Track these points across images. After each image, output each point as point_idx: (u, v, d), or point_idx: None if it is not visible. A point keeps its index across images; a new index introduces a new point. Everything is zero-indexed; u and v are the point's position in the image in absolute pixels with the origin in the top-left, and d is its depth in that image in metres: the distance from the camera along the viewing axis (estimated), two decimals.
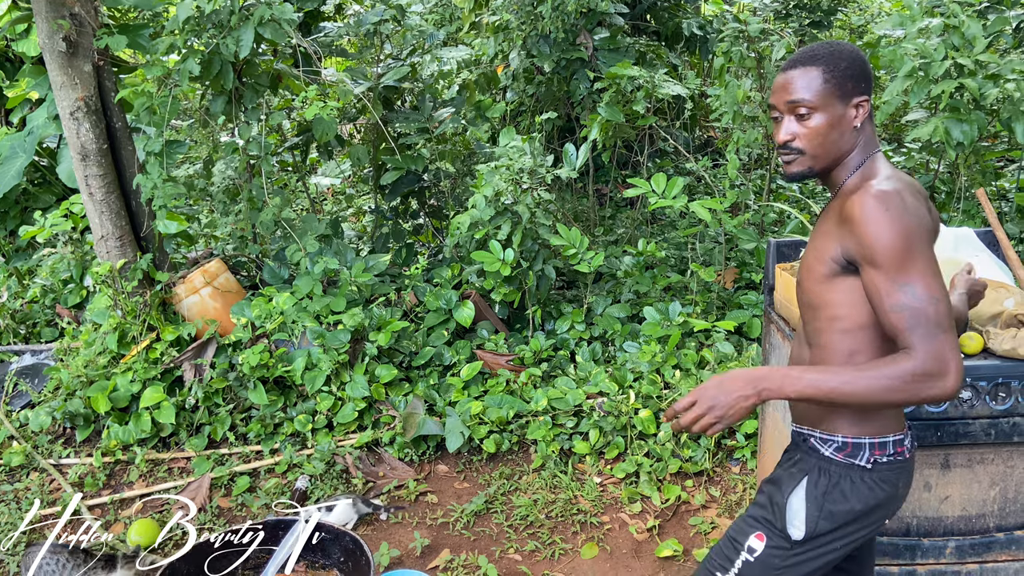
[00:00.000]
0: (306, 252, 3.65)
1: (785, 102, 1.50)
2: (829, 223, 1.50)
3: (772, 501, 1.58)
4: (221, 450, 3.34)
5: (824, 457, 1.56)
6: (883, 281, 1.39)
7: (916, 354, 1.35)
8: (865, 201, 1.40)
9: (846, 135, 1.50)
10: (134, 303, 3.47)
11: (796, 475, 1.58)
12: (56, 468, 3.26)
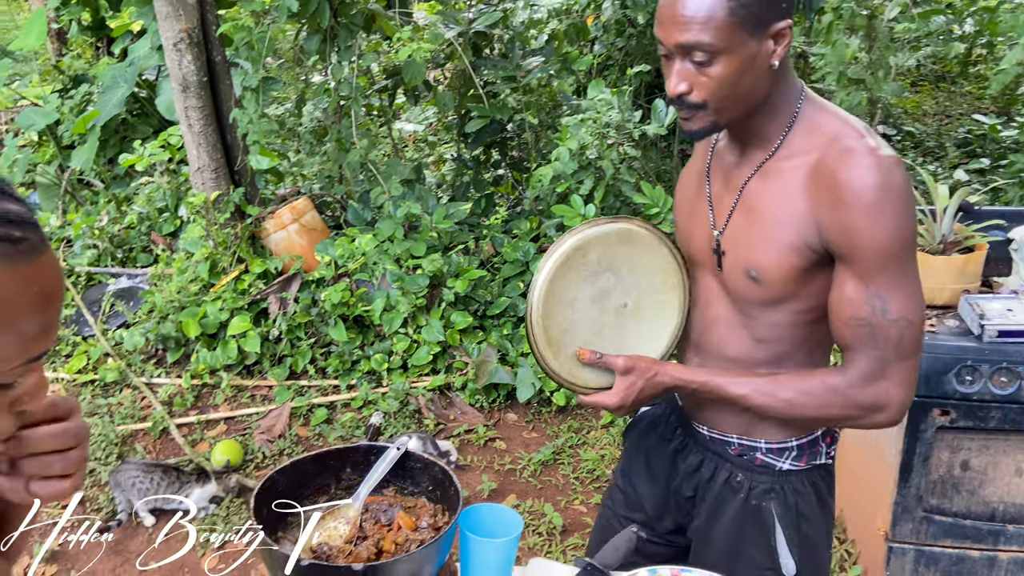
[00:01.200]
0: (390, 195, 3.69)
1: (675, 44, 1.11)
2: (794, 197, 1.17)
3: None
4: (301, 381, 3.46)
5: (781, 473, 1.32)
6: (854, 286, 1.13)
7: (851, 376, 1.16)
8: (865, 177, 1.09)
9: (762, 78, 1.14)
10: (225, 235, 3.58)
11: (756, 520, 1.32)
12: (148, 386, 3.43)
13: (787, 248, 1.17)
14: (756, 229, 1.22)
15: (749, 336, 1.28)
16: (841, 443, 2.59)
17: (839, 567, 2.49)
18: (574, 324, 1.29)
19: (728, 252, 1.27)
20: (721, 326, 1.31)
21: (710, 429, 1.38)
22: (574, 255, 1.26)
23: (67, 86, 4.92)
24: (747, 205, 1.24)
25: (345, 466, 1.34)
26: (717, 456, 1.37)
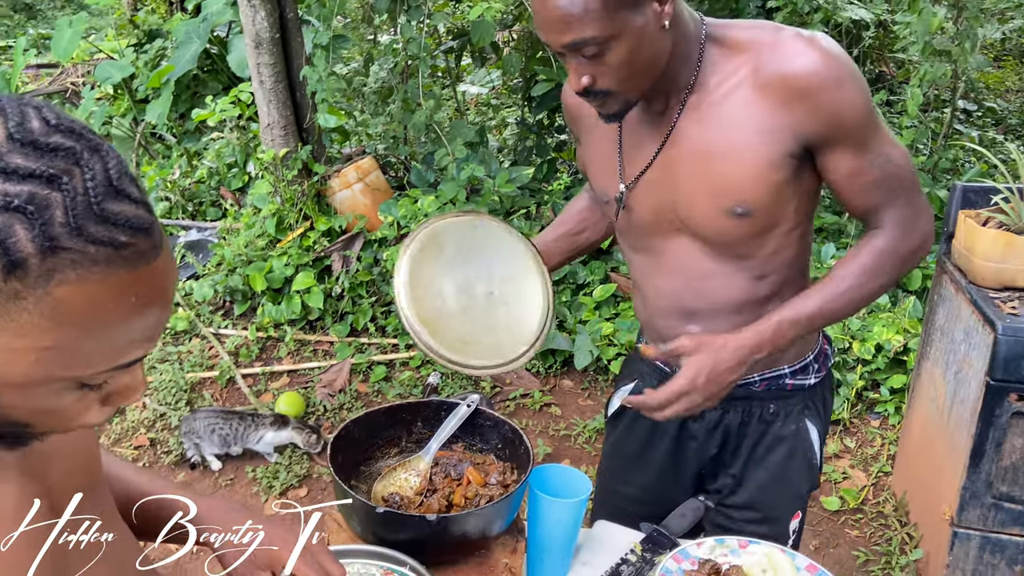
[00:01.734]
0: (454, 157, 3.68)
1: (562, 45, 1.07)
2: (750, 116, 1.13)
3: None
4: (362, 339, 3.52)
5: (809, 388, 1.38)
6: (853, 158, 1.14)
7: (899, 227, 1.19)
8: (812, 60, 1.08)
9: (660, 42, 1.10)
10: (292, 191, 3.63)
11: (798, 440, 1.38)
12: (215, 336, 3.53)
13: (766, 167, 1.14)
14: (721, 166, 1.17)
15: (749, 277, 1.26)
16: (908, 424, 2.55)
17: (899, 550, 2.45)
18: (446, 311, 1.31)
19: (691, 203, 1.22)
20: (715, 280, 1.28)
21: None
22: (429, 244, 1.30)
23: (142, 41, 5.02)
24: (694, 149, 1.19)
25: (416, 420, 1.36)
26: (742, 400, 1.37)
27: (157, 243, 0.59)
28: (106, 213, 0.55)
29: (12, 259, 0.52)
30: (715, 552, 1.23)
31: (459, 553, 1.18)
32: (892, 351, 2.96)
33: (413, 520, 1.09)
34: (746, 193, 1.17)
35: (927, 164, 3.92)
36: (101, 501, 0.84)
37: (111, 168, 0.57)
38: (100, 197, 0.55)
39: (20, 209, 0.52)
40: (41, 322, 0.55)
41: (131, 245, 0.56)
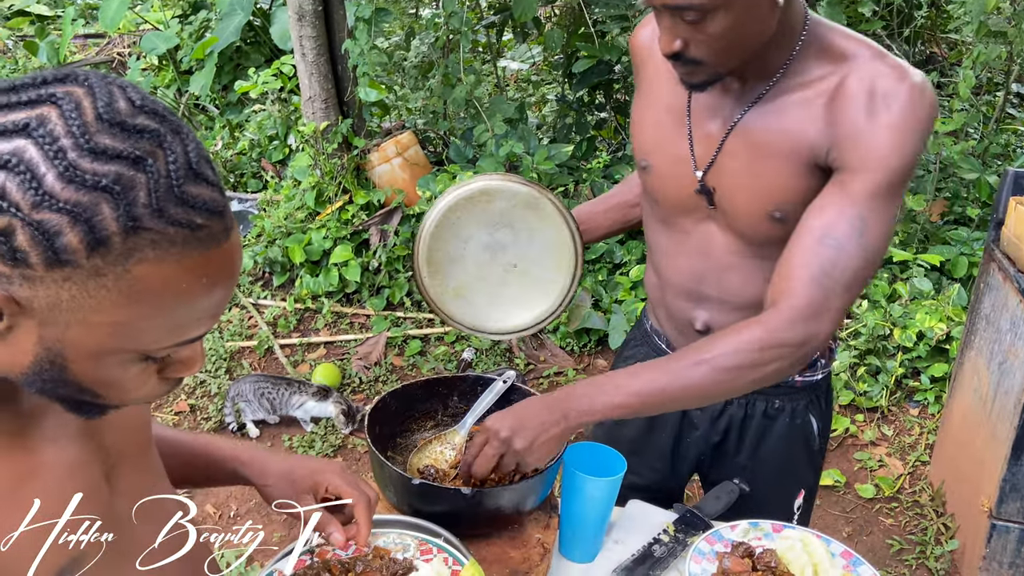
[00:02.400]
0: (493, 133, 3.67)
1: (662, 4, 1.01)
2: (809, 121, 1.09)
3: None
4: (397, 313, 3.55)
5: (816, 384, 1.37)
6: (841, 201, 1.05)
7: (791, 308, 1.05)
8: (900, 93, 1.01)
9: (767, 18, 1.04)
10: (332, 164, 3.66)
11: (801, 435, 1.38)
12: (255, 307, 3.59)
13: (795, 171, 1.11)
14: (770, 165, 1.13)
15: (766, 278, 1.18)
16: (949, 414, 2.51)
17: (935, 540, 2.42)
18: (462, 259, 1.33)
19: (733, 195, 1.18)
20: (736, 273, 1.24)
21: None
22: (480, 196, 1.28)
23: (186, 12, 5.07)
24: (751, 141, 1.14)
25: (453, 394, 1.37)
26: (749, 394, 1.34)
27: (229, 225, 0.61)
28: (186, 195, 0.57)
29: (97, 237, 0.54)
30: (749, 535, 1.23)
31: (493, 527, 1.19)
32: (934, 339, 2.91)
33: (448, 493, 1.11)
34: (787, 200, 1.13)
35: (978, 148, 3.80)
36: (151, 464, 0.87)
37: (191, 151, 0.58)
38: (181, 180, 0.57)
39: (107, 189, 0.54)
40: (118, 299, 0.57)
41: (206, 227, 0.58)
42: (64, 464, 0.72)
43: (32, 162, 0.53)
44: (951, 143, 3.30)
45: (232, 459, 0.99)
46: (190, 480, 0.99)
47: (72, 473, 0.72)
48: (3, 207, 0.53)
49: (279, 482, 0.97)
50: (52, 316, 0.57)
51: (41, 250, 0.54)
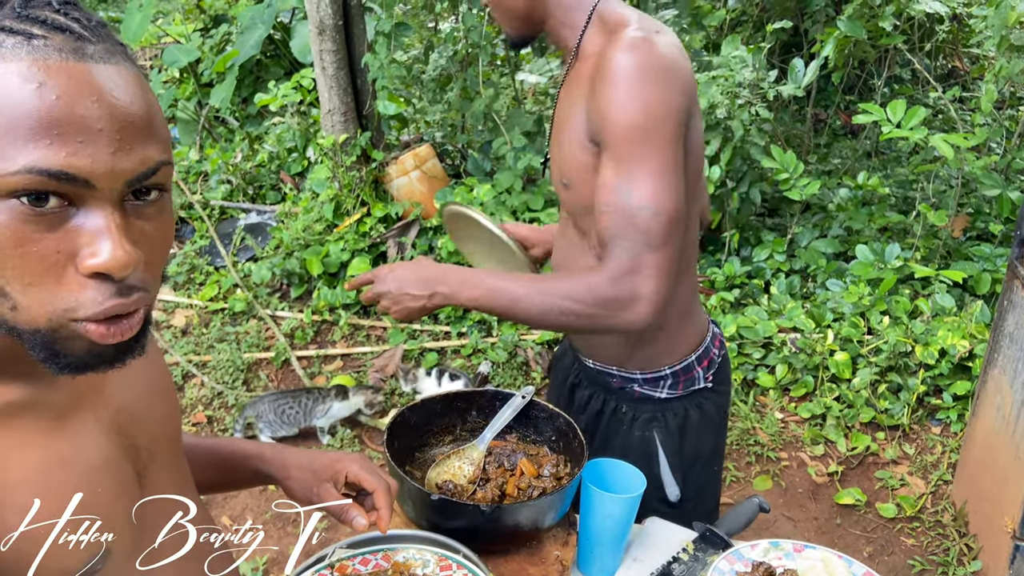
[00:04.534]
0: (511, 146, 3.68)
1: None
2: (581, 95, 1.15)
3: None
4: (414, 326, 3.55)
5: (660, 401, 1.36)
6: (609, 171, 1.09)
7: (605, 271, 1.09)
8: (615, 57, 1.07)
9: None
10: (350, 177, 3.68)
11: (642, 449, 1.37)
12: (272, 318, 3.61)
13: (578, 147, 1.16)
14: (562, 137, 1.21)
15: (592, 256, 1.23)
16: (972, 432, 2.47)
17: (957, 561, 2.38)
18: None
19: (551, 165, 1.29)
20: (575, 250, 1.29)
21: (595, 362, 1.39)
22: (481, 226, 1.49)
23: (208, 25, 5.13)
24: (558, 118, 1.25)
25: (471, 408, 1.37)
26: (603, 389, 1.39)
27: (90, 52, 0.57)
28: (32, 15, 0.56)
29: None
30: (769, 555, 1.21)
31: (511, 543, 1.18)
32: (957, 356, 2.87)
33: (467, 508, 1.10)
34: (567, 168, 1.21)
35: (1000, 164, 3.77)
36: (180, 469, 0.87)
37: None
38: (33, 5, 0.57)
39: None
40: None
41: (45, 38, 0.55)
42: (99, 458, 0.72)
43: None
44: (973, 158, 3.27)
45: (255, 456, 1.00)
46: (215, 483, 0.99)
47: (107, 467, 0.73)
48: None
49: (301, 474, 0.97)
50: None
51: None
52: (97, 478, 0.72)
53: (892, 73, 4.68)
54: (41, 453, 0.67)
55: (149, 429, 0.81)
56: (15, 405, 0.66)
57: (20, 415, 0.67)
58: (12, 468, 0.64)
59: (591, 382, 1.42)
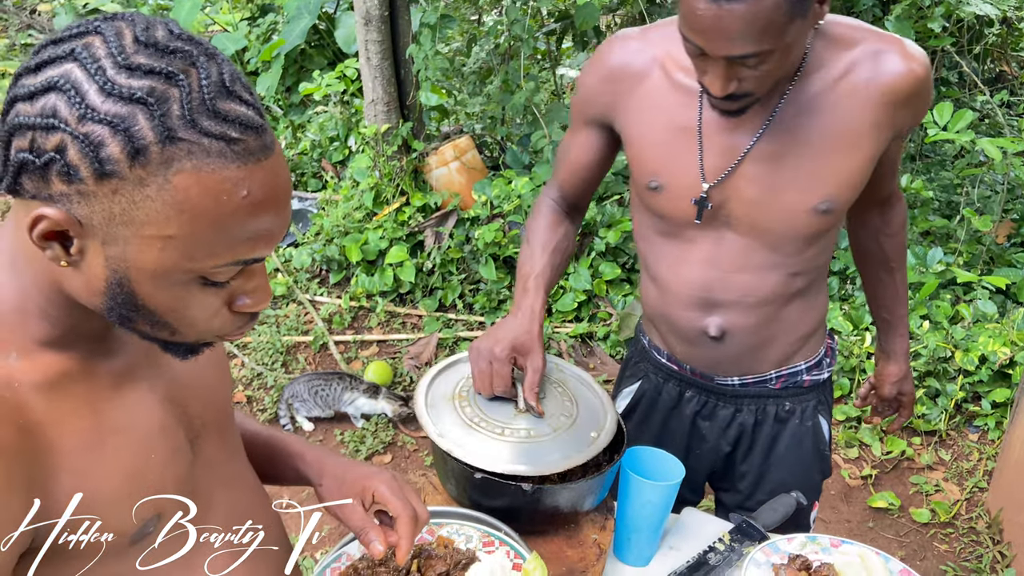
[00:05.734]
0: (550, 139, 3.70)
1: (724, 56, 1.02)
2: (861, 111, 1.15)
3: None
4: (449, 314, 3.59)
5: (823, 383, 1.42)
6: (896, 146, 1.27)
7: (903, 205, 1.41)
8: (922, 65, 1.15)
9: (804, 42, 1.09)
10: (391, 167, 3.72)
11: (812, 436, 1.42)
12: (311, 303, 3.67)
13: (868, 163, 1.18)
14: (822, 159, 1.17)
15: (784, 273, 1.27)
16: (1010, 440, 2.44)
17: (990, 568, 2.35)
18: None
19: (761, 198, 1.20)
20: (749, 274, 1.27)
21: (741, 377, 1.38)
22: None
23: (255, 14, 5.21)
24: (795, 140, 1.17)
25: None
26: (756, 399, 1.40)
27: (268, 144, 0.63)
28: (219, 109, 0.60)
29: (136, 146, 0.58)
30: (806, 548, 1.22)
31: (550, 524, 1.21)
32: (997, 363, 2.83)
33: (509, 488, 1.13)
34: (839, 189, 1.18)
35: None
36: (231, 441, 0.91)
37: (225, 72, 0.62)
38: (214, 95, 0.60)
39: (142, 101, 0.58)
40: (164, 210, 0.61)
41: (241, 141, 0.61)
42: (154, 424, 0.76)
43: (76, 81, 0.58)
44: (1020, 163, 3.22)
45: (297, 456, 1.01)
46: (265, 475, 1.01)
47: (160, 434, 0.76)
48: (55, 125, 0.58)
49: (331, 483, 0.97)
50: (111, 233, 0.61)
51: (89, 162, 0.58)
52: (150, 445, 0.75)
53: (939, 75, 4.60)
54: (97, 420, 0.70)
55: (201, 398, 0.84)
56: (73, 373, 0.69)
57: (77, 383, 0.70)
58: (68, 434, 0.67)
59: (734, 399, 1.40)
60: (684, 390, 1.44)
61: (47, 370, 0.68)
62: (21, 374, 0.66)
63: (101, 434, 0.70)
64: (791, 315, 1.32)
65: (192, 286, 0.65)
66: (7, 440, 0.62)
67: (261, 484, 0.96)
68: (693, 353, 1.37)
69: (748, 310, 1.29)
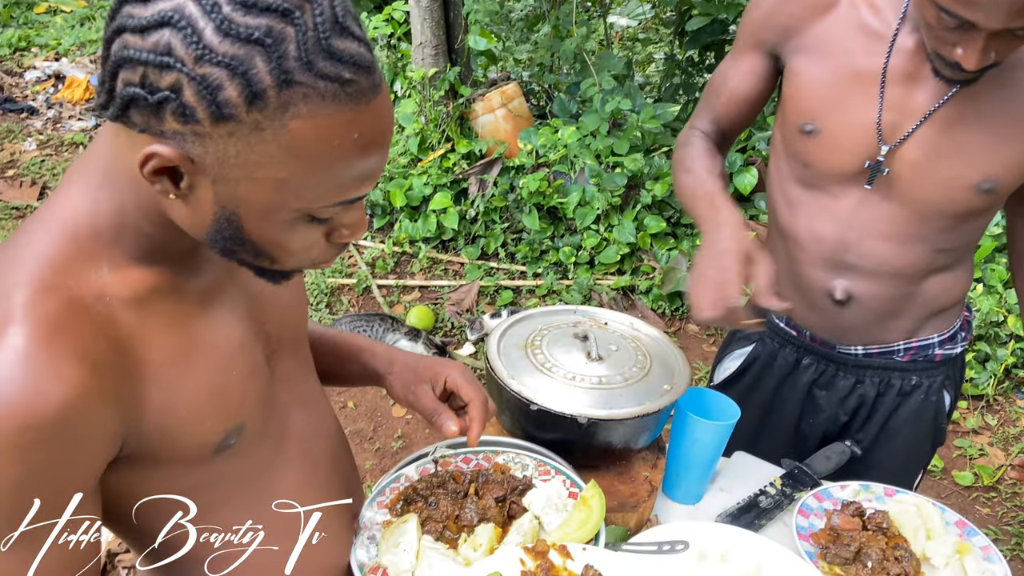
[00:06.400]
0: (600, 88, 3.63)
1: (999, 29, 0.93)
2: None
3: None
4: (491, 263, 3.59)
5: (954, 358, 1.33)
6: None
7: None
8: None
9: None
10: (437, 112, 3.70)
11: (933, 410, 1.35)
12: (355, 246, 3.70)
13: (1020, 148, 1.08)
14: (990, 136, 1.08)
15: (929, 248, 1.19)
16: None
17: None
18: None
19: (928, 165, 1.12)
20: (893, 244, 1.20)
21: (866, 346, 1.32)
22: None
23: None
24: (979, 111, 1.08)
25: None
26: (880, 370, 1.33)
27: (377, 82, 0.62)
28: (333, 49, 0.58)
29: (253, 90, 0.57)
30: (859, 496, 1.21)
31: (602, 460, 1.21)
32: None
33: (564, 420, 1.13)
34: (1006, 170, 1.10)
35: None
36: (305, 358, 0.92)
37: (337, 5, 0.59)
38: (328, 33, 0.58)
39: (260, 42, 0.56)
40: (278, 154, 0.60)
41: (354, 82, 0.59)
42: (234, 341, 0.77)
43: (192, 18, 0.56)
44: None
45: (367, 350, 1.04)
46: (332, 374, 1.03)
47: (241, 351, 0.77)
48: (171, 63, 0.56)
49: (403, 371, 1.00)
50: (223, 173, 0.61)
51: (206, 105, 0.57)
52: (232, 360, 0.76)
53: None
54: (183, 335, 0.71)
55: (278, 316, 0.85)
56: (161, 289, 0.70)
57: (165, 298, 0.71)
58: (157, 349, 0.69)
59: (855, 369, 1.35)
60: (801, 357, 1.39)
61: (137, 285, 0.68)
62: (113, 288, 0.66)
63: (187, 350, 0.71)
64: (928, 290, 1.25)
65: (297, 222, 0.65)
66: (101, 352, 0.63)
67: (331, 406, 0.98)
68: (814, 318, 1.31)
69: (881, 279, 1.22)
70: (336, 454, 0.95)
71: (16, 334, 0.59)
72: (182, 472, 0.74)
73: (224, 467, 0.77)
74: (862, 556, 1.08)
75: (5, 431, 0.57)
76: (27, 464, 0.58)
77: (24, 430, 0.57)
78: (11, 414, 0.57)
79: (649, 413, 1.13)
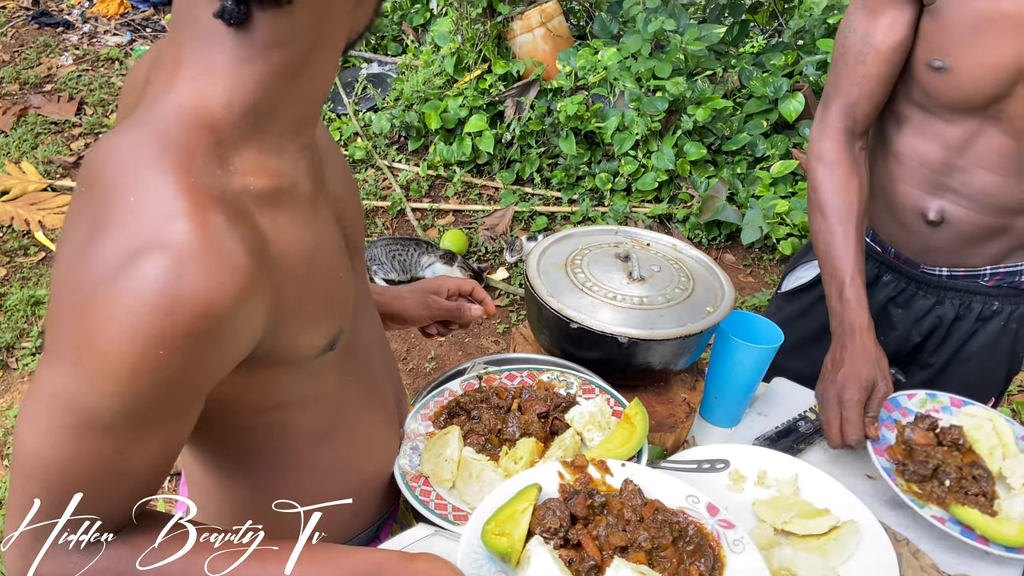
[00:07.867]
0: (644, 6, 3.50)
1: None
2: None
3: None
4: (526, 188, 3.55)
5: None
6: None
7: None
8: None
9: None
10: (474, 31, 3.60)
11: (1012, 339, 1.31)
12: (389, 169, 3.67)
13: None
14: None
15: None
16: None
17: None
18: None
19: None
20: (994, 176, 1.17)
21: (951, 268, 1.30)
22: None
23: None
24: None
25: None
26: (963, 292, 1.31)
27: None
28: None
29: None
30: (926, 406, 1.19)
31: (641, 380, 1.20)
32: None
33: (604, 339, 1.12)
34: None
35: None
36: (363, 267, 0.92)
37: None
38: None
39: None
40: None
41: None
42: (336, 243, 0.76)
43: None
44: None
45: (376, 292, 1.09)
46: None
47: (340, 252, 0.77)
48: None
49: (412, 294, 1.12)
50: None
51: None
52: (337, 263, 0.76)
53: None
54: (307, 233, 0.69)
55: (353, 220, 0.85)
56: (284, 187, 0.67)
57: (288, 197, 0.68)
58: (290, 244, 0.66)
59: (936, 289, 1.33)
60: (882, 273, 1.37)
61: (266, 182, 0.66)
62: (250, 183, 0.64)
63: (311, 248, 0.70)
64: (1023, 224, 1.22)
65: None
66: (258, 245, 0.61)
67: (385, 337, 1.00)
68: (902, 235, 1.29)
69: (979, 207, 1.20)
70: (388, 364, 0.96)
71: (188, 227, 0.56)
72: (281, 376, 0.73)
73: (316, 373, 0.77)
74: (939, 474, 1.06)
75: (183, 319, 0.55)
76: (192, 355, 0.57)
77: (201, 318, 0.56)
78: (192, 300, 0.55)
79: (691, 334, 1.12)
